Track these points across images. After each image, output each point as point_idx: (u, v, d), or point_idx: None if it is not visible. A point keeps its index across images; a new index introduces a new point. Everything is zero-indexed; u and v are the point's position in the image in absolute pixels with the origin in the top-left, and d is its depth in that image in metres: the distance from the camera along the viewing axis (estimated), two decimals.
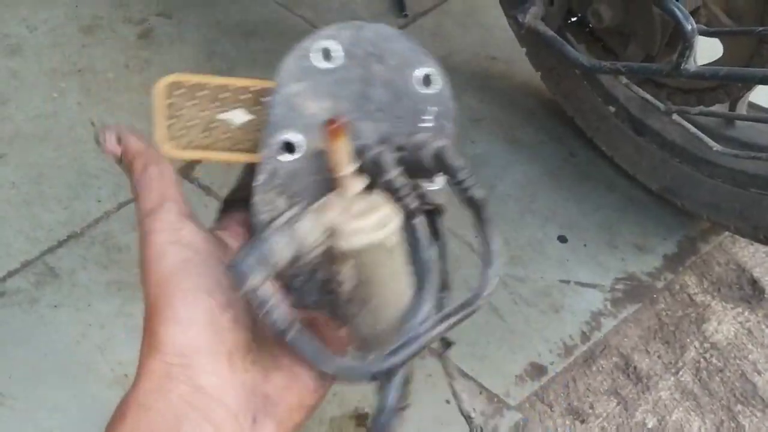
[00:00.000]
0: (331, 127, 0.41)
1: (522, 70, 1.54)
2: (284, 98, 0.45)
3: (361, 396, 1.10)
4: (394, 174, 0.43)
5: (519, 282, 1.26)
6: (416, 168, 0.44)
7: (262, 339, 0.44)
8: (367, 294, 0.42)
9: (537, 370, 1.16)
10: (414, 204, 0.43)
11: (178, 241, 0.43)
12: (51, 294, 1.13)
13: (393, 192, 0.43)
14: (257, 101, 0.46)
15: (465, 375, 1.13)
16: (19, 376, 1.04)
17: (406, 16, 1.66)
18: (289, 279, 0.44)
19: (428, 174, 0.45)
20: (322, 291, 0.45)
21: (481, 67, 1.59)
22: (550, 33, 1.06)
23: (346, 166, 0.42)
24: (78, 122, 1.35)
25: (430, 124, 0.47)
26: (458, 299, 0.44)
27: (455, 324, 0.42)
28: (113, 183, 1.27)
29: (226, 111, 0.45)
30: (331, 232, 0.41)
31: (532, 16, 1.07)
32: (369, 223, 0.41)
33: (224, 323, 0.42)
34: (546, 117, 1.51)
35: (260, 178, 0.45)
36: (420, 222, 0.43)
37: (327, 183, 0.44)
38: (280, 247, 0.40)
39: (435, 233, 0.48)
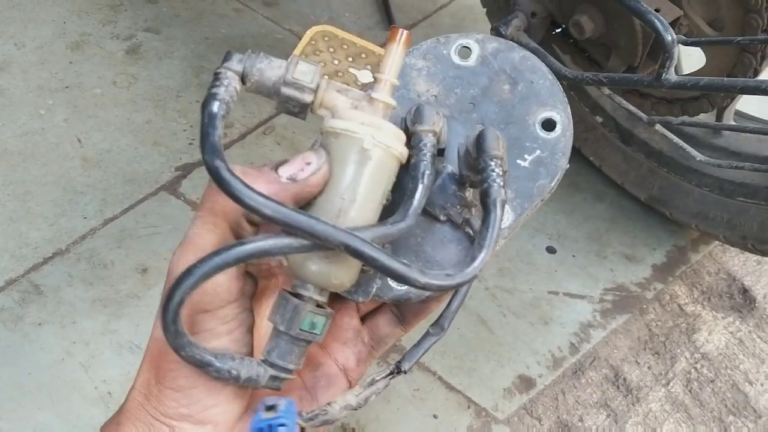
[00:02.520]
0: (398, 32, 0.41)
1: None
2: (403, 66, 0.45)
3: None
4: (426, 128, 0.41)
5: (507, 294, 1.25)
6: (465, 154, 0.42)
7: (255, 396, 0.44)
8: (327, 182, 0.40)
9: (525, 382, 1.15)
10: (428, 168, 0.40)
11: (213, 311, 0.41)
12: (36, 311, 1.12)
13: (416, 146, 0.41)
14: None
15: (453, 389, 1.13)
16: (3, 394, 1.04)
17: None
18: None
19: (471, 166, 0.42)
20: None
21: None
22: (533, 45, 1.06)
23: (390, 74, 0.41)
24: (65, 139, 1.35)
25: (525, 164, 0.46)
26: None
27: (369, 260, 0.38)
28: (99, 199, 1.27)
29: (357, 69, 0.47)
30: (333, 111, 0.41)
31: (514, 28, 1.07)
32: (363, 117, 0.40)
33: (223, 397, 0.41)
34: None
35: None
36: (423, 186, 0.40)
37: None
38: (274, 65, 0.40)
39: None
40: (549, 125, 0.46)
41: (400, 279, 0.38)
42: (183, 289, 0.36)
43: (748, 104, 1.28)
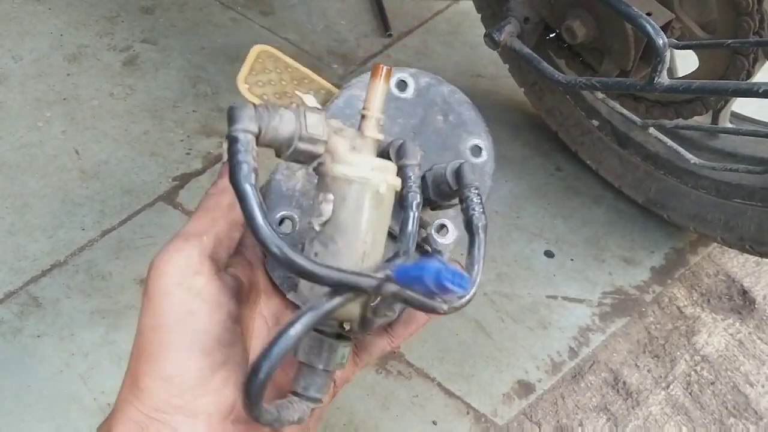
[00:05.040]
0: (383, 66, 0.43)
1: (506, 86, 1.54)
2: (349, 96, 0.50)
3: None
4: (412, 162, 0.44)
5: (506, 299, 1.25)
6: (436, 185, 0.46)
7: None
8: (337, 234, 0.42)
9: (525, 387, 1.15)
10: (416, 198, 0.44)
11: (188, 286, 0.41)
12: (34, 324, 1.12)
13: (405, 179, 0.44)
14: (326, 101, 0.51)
15: (452, 395, 1.13)
16: (2, 406, 1.04)
17: (390, 35, 1.67)
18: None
19: (444, 195, 0.47)
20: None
21: (466, 85, 1.57)
22: (526, 50, 1.06)
23: (375, 110, 0.43)
24: (63, 151, 1.36)
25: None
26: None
27: (403, 299, 0.40)
28: (97, 211, 1.27)
29: (303, 92, 0.50)
30: (333, 154, 0.42)
31: (507, 34, 1.08)
32: (370, 162, 0.42)
33: (213, 385, 0.41)
34: (531, 132, 1.51)
35: None
36: (414, 215, 0.44)
37: None
38: (285, 119, 0.40)
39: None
40: (476, 151, 0.52)
41: (430, 311, 0.41)
42: (269, 366, 0.37)
43: (745, 106, 1.28)
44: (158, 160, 1.37)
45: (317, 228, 0.42)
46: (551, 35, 1.16)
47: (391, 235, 0.45)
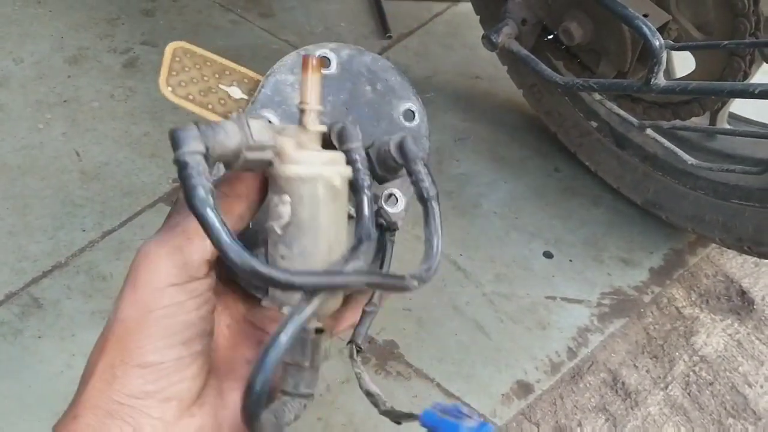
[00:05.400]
0: (312, 57, 0.43)
1: (505, 88, 1.55)
2: (275, 83, 0.49)
3: None
4: (355, 145, 0.44)
5: (505, 299, 1.25)
6: (381, 160, 0.46)
7: (213, 375, 0.44)
8: (300, 233, 0.42)
9: (524, 388, 1.15)
10: (366, 180, 0.43)
11: (184, 287, 0.40)
12: (35, 325, 1.13)
13: (350, 163, 0.44)
14: (253, 89, 0.50)
15: (451, 395, 1.13)
16: (3, 407, 1.04)
17: (389, 37, 1.68)
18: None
19: (390, 170, 0.46)
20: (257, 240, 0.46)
21: (465, 86, 1.60)
22: (524, 52, 1.07)
23: (313, 102, 0.43)
24: (63, 153, 1.36)
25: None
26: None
27: (376, 286, 0.41)
28: (98, 212, 1.28)
29: (226, 85, 0.50)
30: (281, 155, 0.41)
31: (505, 36, 1.08)
32: (320, 156, 0.42)
33: (190, 373, 0.41)
34: (530, 133, 1.51)
35: None
36: (367, 197, 0.43)
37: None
38: (230, 132, 0.39)
39: (383, 246, 0.50)
40: (409, 115, 0.51)
41: (400, 289, 0.41)
42: (264, 380, 0.37)
43: (744, 107, 1.28)
44: (158, 162, 1.37)
45: (279, 231, 0.42)
46: (549, 37, 1.16)
47: (350, 217, 0.46)
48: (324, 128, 0.44)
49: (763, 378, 1.20)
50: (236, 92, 0.49)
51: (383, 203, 0.51)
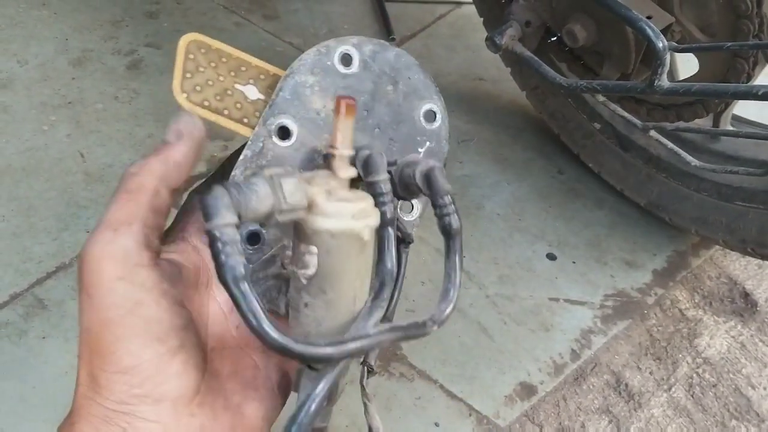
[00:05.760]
0: (345, 101, 0.41)
1: (508, 89, 1.55)
2: (294, 85, 0.47)
3: None
4: (382, 177, 0.43)
5: (508, 301, 1.25)
6: (404, 184, 0.45)
7: (213, 375, 0.43)
8: (326, 285, 0.41)
9: (527, 389, 1.15)
10: (391, 213, 0.43)
11: (131, 278, 0.39)
12: (39, 325, 1.13)
13: (376, 195, 0.43)
14: (272, 85, 0.47)
15: (454, 397, 1.13)
16: (8, 408, 1.05)
17: (393, 39, 1.68)
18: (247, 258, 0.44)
19: (412, 194, 0.45)
20: (277, 278, 0.45)
21: (468, 88, 1.60)
22: (528, 53, 1.07)
23: (344, 147, 0.41)
24: (67, 154, 1.37)
25: (419, 156, 0.49)
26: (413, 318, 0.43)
27: (400, 339, 0.41)
28: (101, 213, 1.28)
29: (242, 84, 0.47)
30: (310, 206, 0.40)
31: (509, 38, 1.08)
32: (350, 208, 0.40)
33: (173, 369, 0.40)
34: (533, 135, 1.51)
35: (247, 153, 0.46)
36: (392, 232, 0.43)
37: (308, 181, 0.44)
38: (262, 195, 0.38)
39: (398, 258, 0.48)
40: (430, 116, 0.50)
41: (421, 336, 0.42)
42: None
43: (747, 108, 1.28)
44: None
45: (303, 281, 0.41)
46: (553, 39, 1.16)
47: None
48: (354, 172, 0.42)
49: (766, 380, 1.20)
50: (252, 92, 0.47)
51: (399, 211, 0.49)
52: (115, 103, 1.47)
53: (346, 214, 0.40)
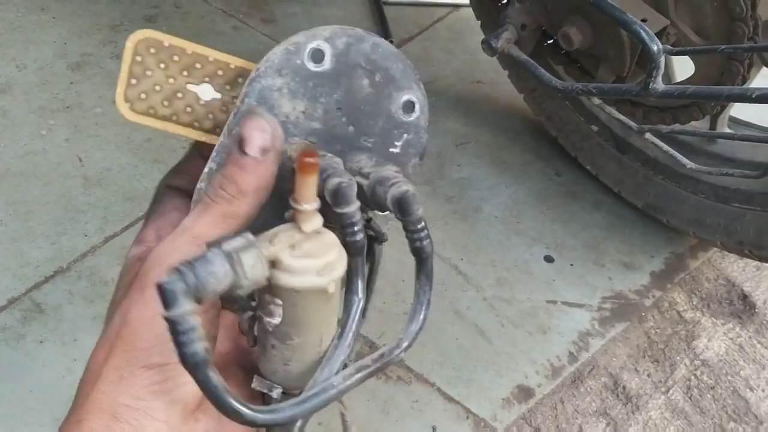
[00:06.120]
0: (306, 160, 0.39)
1: (506, 92, 1.55)
2: (261, 90, 0.43)
3: None
4: (352, 209, 0.41)
5: (505, 303, 1.26)
6: (375, 202, 0.43)
7: None
8: (293, 332, 0.41)
9: (524, 392, 1.15)
10: (361, 243, 0.42)
11: None
12: (37, 329, 1.13)
13: (345, 226, 0.41)
14: (232, 81, 0.44)
15: (451, 399, 1.13)
16: (5, 411, 1.05)
17: (391, 42, 1.68)
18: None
19: (381, 209, 0.44)
20: (247, 314, 0.44)
21: (466, 91, 1.60)
22: (523, 57, 1.07)
23: (308, 203, 0.40)
24: (66, 158, 1.37)
25: (397, 150, 0.47)
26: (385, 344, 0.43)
27: (368, 376, 0.41)
28: (100, 218, 1.29)
29: (195, 84, 0.43)
30: (275, 263, 0.39)
31: (505, 41, 1.08)
32: (315, 264, 0.39)
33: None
34: (531, 138, 1.51)
35: (212, 166, 0.44)
36: (361, 261, 0.42)
37: (279, 191, 0.42)
38: (220, 276, 0.36)
39: (372, 256, 0.47)
40: (409, 107, 0.47)
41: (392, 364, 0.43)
42: None
43: (745, 110, 1.28)
44: (161, 167, 1.38)
45: (269, 328, 0.41)
46: (549, 42, 1.17)
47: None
48: (319, 224, 0.40)
49: (764, 382, 1.20)
50: (207, 92, 0.43)
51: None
52: (113, 108, 1.46)
53: (311, 271, 0.39)
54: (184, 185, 0.47)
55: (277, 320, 0.41)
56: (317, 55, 0.44)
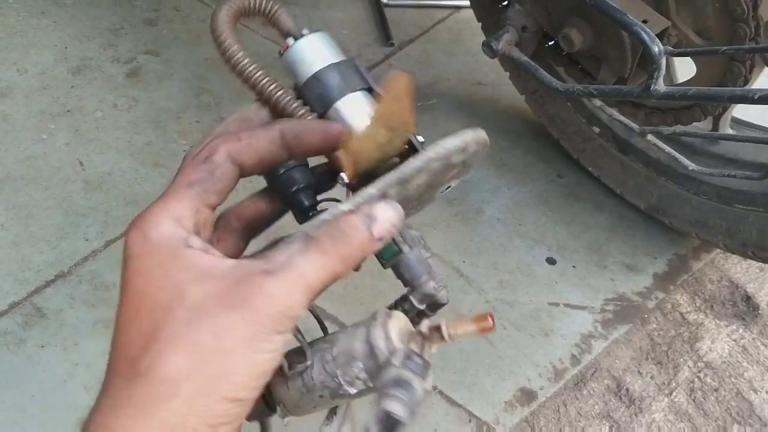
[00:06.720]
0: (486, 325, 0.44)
1: (507, 94, 1.55)
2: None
3: None
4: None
5: (508, 306, 1.25)
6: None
7: None
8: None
9: (527, 395, 1.15)
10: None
11: (198, 269, 0.38)
12: (38, 334, 1.13)
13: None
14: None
15: (454, 403, 1.12)
16: (6, 416, 1.05)
17: (392, 44, 1.68)
18: None
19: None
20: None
21: (468, 93, 1.60)
22: (524, 58, 1.07)
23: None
24: (67, 162, 1.37)
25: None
26: None
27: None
28: (101, 222, 1.28)
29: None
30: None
31: (505, 43, 1.08)
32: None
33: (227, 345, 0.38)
34: (533, 139, 1.51)
35: (348, 206, 0.43)
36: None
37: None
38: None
39: None
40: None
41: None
42: None
43: (748, 111, 1.28)
44: (161, 171, 1.38)
45: (341, 392, 0.44)
46: (550, 43, 1.16)
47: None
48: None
49: None
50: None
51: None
52: (114, 111, 1.47)
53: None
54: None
55: (353, 391, 0.44)
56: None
